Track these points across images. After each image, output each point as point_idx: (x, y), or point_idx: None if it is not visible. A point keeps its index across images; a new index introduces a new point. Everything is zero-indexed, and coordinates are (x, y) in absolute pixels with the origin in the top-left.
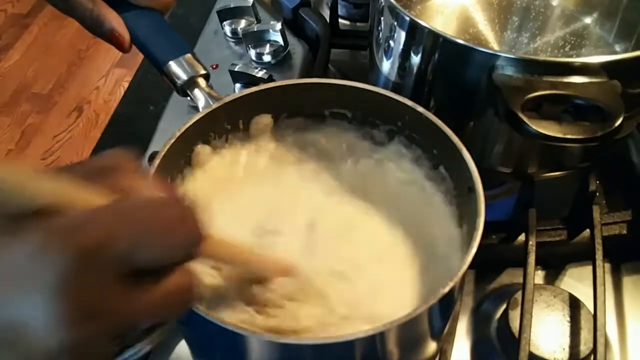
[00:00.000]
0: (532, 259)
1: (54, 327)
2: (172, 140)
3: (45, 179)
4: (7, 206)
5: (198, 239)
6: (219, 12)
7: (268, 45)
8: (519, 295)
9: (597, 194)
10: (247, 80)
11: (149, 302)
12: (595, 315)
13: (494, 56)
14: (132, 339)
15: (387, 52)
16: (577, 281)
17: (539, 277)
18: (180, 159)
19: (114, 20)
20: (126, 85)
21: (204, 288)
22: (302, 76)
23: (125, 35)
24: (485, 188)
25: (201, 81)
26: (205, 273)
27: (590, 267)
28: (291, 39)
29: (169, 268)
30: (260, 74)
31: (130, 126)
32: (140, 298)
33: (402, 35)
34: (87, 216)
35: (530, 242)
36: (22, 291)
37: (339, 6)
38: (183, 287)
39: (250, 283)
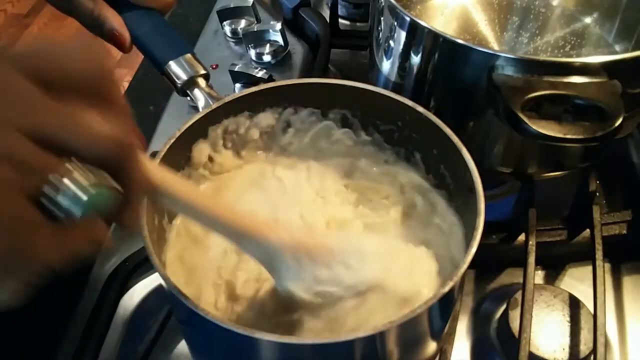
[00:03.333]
0: (532, 259)
1: None
2: (172, 140)
3: None
4: None
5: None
6: (219, 12)
7: (268, 45)
8: (519, 295)
9: (597, 194)
10: (247, 80)
11: (72, 118)
12: (595, 315)
13: (494, 56)
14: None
15: (387, 52)
16: (577, 281)
17: (539, 277)
18: (180, 158)
19: (115, 20)
20: (126, 85)
21: None
22: (302, 76)
23: (126, 35)
24: (485, 188)
25: (201, 81)
26: None
27: (590, 267)
28: (291, 39)
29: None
30: (260, 74)
31: None
32: (60, 109)
33: (402, 35)
34: None
35: (530, 242)
36: None
37: (339, 6)
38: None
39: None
